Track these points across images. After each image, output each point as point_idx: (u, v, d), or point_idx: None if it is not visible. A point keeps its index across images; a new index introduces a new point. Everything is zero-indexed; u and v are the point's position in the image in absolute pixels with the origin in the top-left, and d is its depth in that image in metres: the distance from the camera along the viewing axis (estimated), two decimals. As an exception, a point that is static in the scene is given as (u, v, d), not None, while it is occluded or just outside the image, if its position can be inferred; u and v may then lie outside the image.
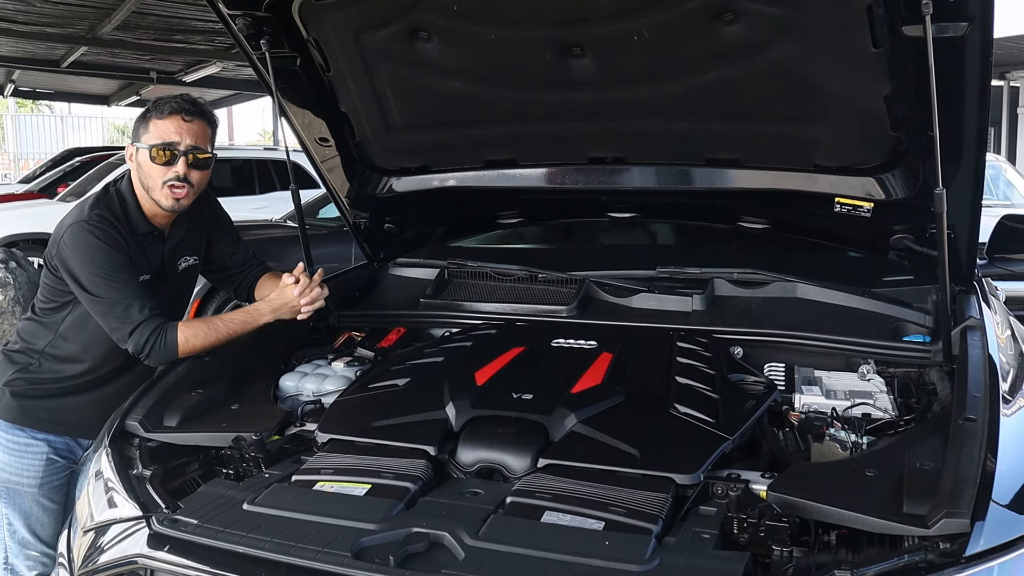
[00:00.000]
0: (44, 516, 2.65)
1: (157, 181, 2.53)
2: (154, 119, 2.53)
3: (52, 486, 2.65)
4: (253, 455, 2.12)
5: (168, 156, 2.51)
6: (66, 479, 2.70)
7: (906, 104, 2.28)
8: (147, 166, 2.53)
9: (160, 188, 2.53)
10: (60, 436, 2.65)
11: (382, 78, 2.78)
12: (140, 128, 2.56)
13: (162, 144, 2.51)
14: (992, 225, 3.37)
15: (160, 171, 2.52)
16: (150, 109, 2.57)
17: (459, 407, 2.12)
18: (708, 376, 2.31)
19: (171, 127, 2.52)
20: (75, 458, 2.70)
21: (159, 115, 2.53)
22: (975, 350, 2.18)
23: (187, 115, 2.54)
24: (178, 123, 2.53)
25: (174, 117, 2.53)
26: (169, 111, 2.53)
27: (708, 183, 2.88)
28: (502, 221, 3.62)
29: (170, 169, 2.52)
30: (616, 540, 1.63)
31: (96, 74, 16.28)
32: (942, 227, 2.24)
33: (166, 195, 2.54)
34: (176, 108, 2.54)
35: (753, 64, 2.37)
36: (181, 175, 2.53)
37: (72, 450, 2.69)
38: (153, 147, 2.51)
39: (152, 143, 2.52)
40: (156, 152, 2.51)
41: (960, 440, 1.76)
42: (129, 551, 1.86)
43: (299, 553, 1.65)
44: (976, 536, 1.54)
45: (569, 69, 2.53)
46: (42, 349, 2.61)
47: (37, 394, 2.61)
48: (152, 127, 2.53)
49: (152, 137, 2.52)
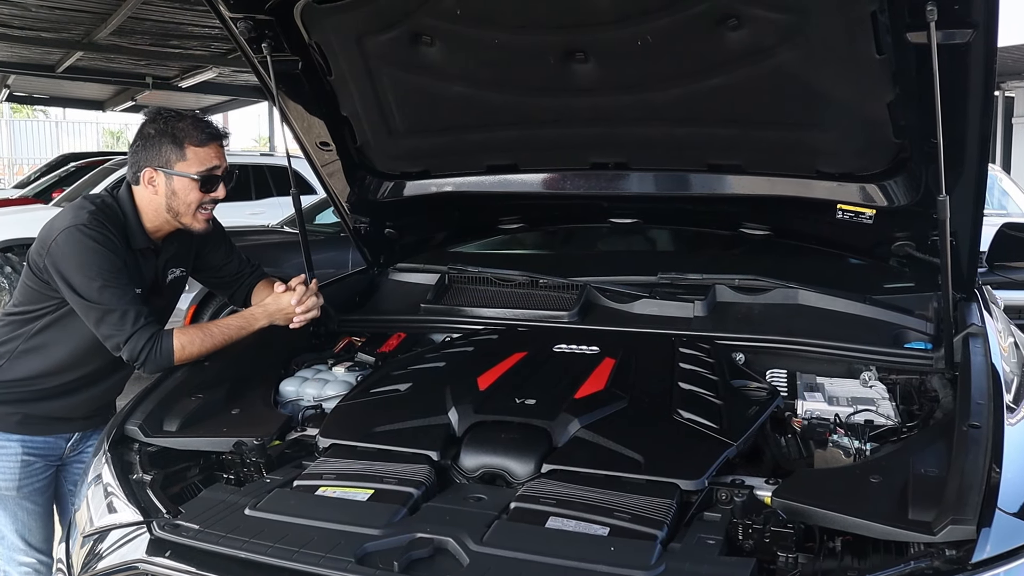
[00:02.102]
0: (29, 520, 2.61)
1: (192, 207, 2.52)
2: (191, 146, 2.48)
3: (32, 488, 2.60)
4: (254, 460, 2.10)
5: (212, 183, 2.52)
6: (48, 480, 2.65)
7: (909, 111, 2.28)
8: (185, 193, 2.49)
9: (193, 213, 2.53)
10: (35, 436, 2.59)
11: (384, 82, 2.77)
12: (171, 154, 2.48)
13: (207, 172, 2.50)
14: (988, 234, 3.37)
15: (199, 197, 2.52)
16: (177, 135, 2.48)
17: (462, 412, 2.10)
18: (711, 382, 2.30)
19: (212, 154, 2.51)
20: (55, 455, 2.65)
21: (195, 142, 2.48)
22: (977, 357, 2.18)
23: (223, 140, 2.56)
24: (217, 149, 2.53)
25: (213, 144, 2.52)
26: (207, 138, 2.50)
27: (710, 189, 2.88)
28: (503, 226, 3.61)
29: (210, 195, 2.53)
30: (621, 546, 1.62)
31: (92, 79, 16.21)
32: (945, 234, 2.23)
33: (199, 219, 2.55)
34: (214, 134, 2.52)
35: (756, 70, 2.37)
36: (219, 199, 2.55)
37: (51, 447, 2.63)
38: (200, 176, 2.49)
39: (199, 171, 2.48)
40: (203, 182, 2.50)
41: (965, 447, 1.75)
42: (129, 556, 1.84)
43: (302, 559, 1.63)
44: (982, 543, 1.53)
45: (572, 74, 2.53)
46: (13, 351, 2.53)
47: (7, 399, 2.54)
48: (191, 154, 2.48)
49: (193, 165, 2.48)
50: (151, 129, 2.50)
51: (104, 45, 12.72)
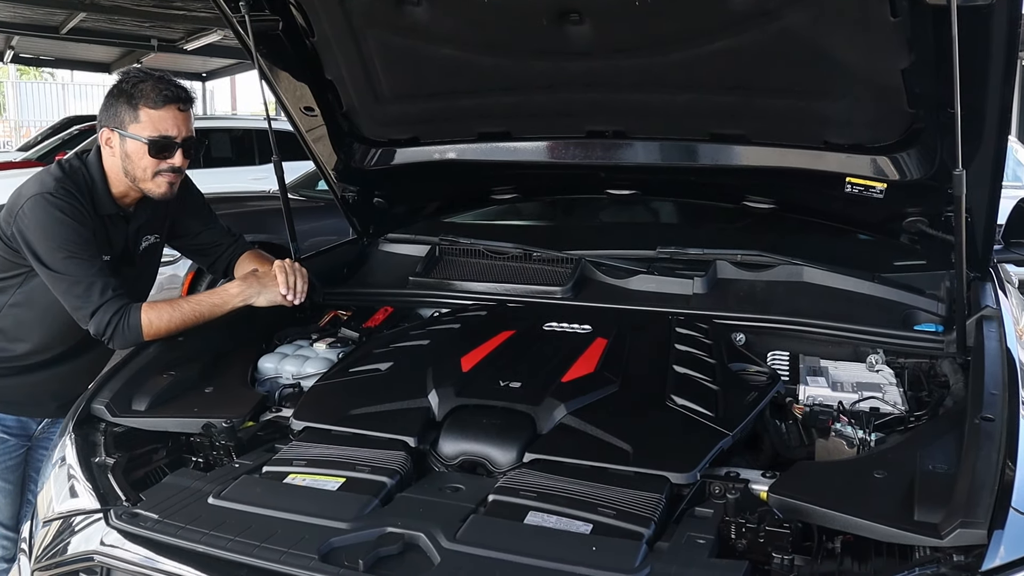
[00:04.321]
0: (1, 498, 2.56)
1: (149, 172, 2.42)
2: (145, 108, 2.38)
3: (6, 466, 2.56)
4: (224, 443, 2.03)
5: (166, 149, 2.40)
6: (20, 459, 2.61)
7: (925, 78, 2.18)
8: (138, 157, 2.40)
9: (151, 179, 2.43)
10: (9, 414, 2.55)
11: (369, 44, 2.67)
12: (125, 115, 2.39)
13: (160, 138, 2.39)
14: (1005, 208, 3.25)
15: (154, 163, 2.41)
16: (134, 95, 2.38)
17: (442, 395, 2.03)
18: (708, 365, 2.21)
19: (167, 119, 2.40)
20: (28, 434, 2.61)
21: (151, 105, 2.38)
22: (992, 342, 2.09)
23: (183, 104, 2.43)
24: (174, 114, 2.41)
25: (170, 108, 2.40)
26: (163, 101, 2.39)
27: (712, 160, 2.79)
28: (496, 197, 3.52)
29: (165, 161, 2.42)
30: (604, 546, 1.53)
31: (96, 41, 16.17)
32: (960, 210, 2.14)
33: (158, 184, 2.44)
34: (170, 97, 2.40)
35: (762, 33, 2.26)
36: (177, 166, 2.44)
37: (25, 427, 2.60)
38: (151, 141, 2.38)
39: (149, 136, 2.38)
40: (153, 146, 2.39)
41: (977, 441, 1.65)
42: (85, 547, 1.76)
43: (262, 554, 1.55)
44: (994, 548, 1.43)
45: (566, 36, 2.42)
46: None
47: None
48: (144, 117, 2.38)
49: (146, 129, 2.38)
50: (115, 88, 2.43)
51: (106, 6, 12.72)
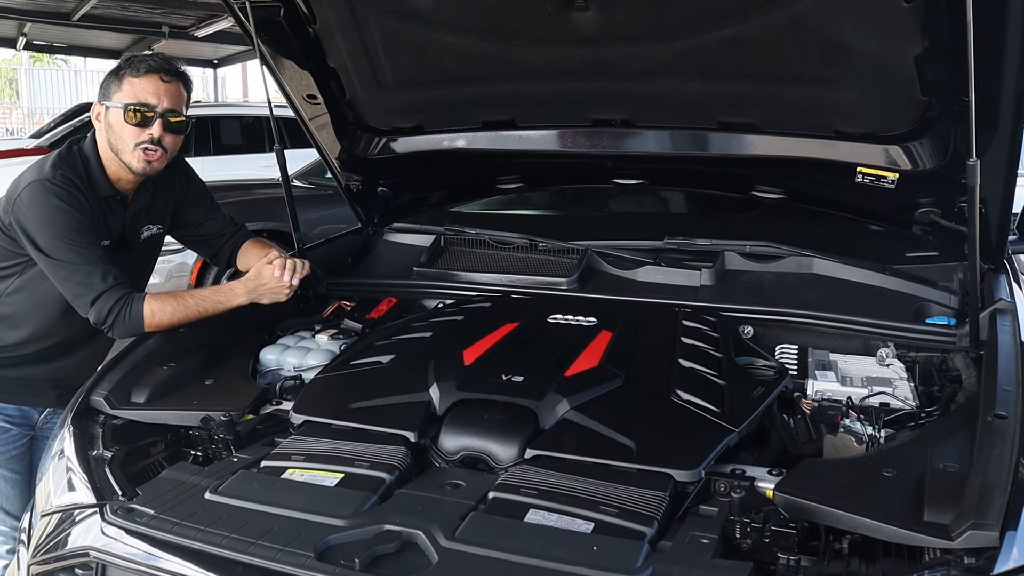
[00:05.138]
0: (7, 488, 2.54)
1: (129, 143, 2.39)
2: (129, 77, 2.39)
3: (10, 455, 2.55)
4: (222, 437, 2.01)
5: (142, 117, 2.38)
6: (25, 447, 2.59)
7: (939, 65, 2.14)
8: (119, 127, 2.39)
9: (131, 151, 2.40)
10: (10, 404, 2.53)
11: (372, 31, 2.64)
12: (112, 86, 2.41)
13: (137, 104, 2.37)
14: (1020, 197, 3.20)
15: (133, 133, 2.38)
16: (123, 66, 2.41)
17: (444, 389, 2.00)
18: (714, 359, 2.17)
19: (148, 87, 2.38)
20: (31, 423, 2.60)
21: (134, 73, 2.38)
22: (1006, 336, 2.04)
23: (165, 75, 2.41)
24: (156, 83, 2.39)
25: (152, 76, 2.39)
26: (146, 69, 2.39)
27: (721, 149, 2.75)
28: (501, 186, 3.49)
29: (144, 131, 2.39)
30: (605, 545, 1.50)
31: (108, 28, 16.10)
32: (974, 201, 2.09)
33: (138, 158, 2.41)
34: (154, 67, 2.40)
35: (772, 19, 2.22)
36: (156, 138, 2.40)
37: (27, 416, 2.58)
38: (128, 107, 2.37)
39: (127, 102, 2.38)
40: (130, 113, 2.37)
41: (989, 439, 1.61)
42: (80, 542, 1.74)
43: (258, 552, 1.52)
44: (1006, 551, 1.39)
45: (572, 23, 2.38)
46: None
47: None
48: (126, 86, 2.39)
49: (126, 96, 2.38)
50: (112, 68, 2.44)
51: (117, -8, 12.59)
